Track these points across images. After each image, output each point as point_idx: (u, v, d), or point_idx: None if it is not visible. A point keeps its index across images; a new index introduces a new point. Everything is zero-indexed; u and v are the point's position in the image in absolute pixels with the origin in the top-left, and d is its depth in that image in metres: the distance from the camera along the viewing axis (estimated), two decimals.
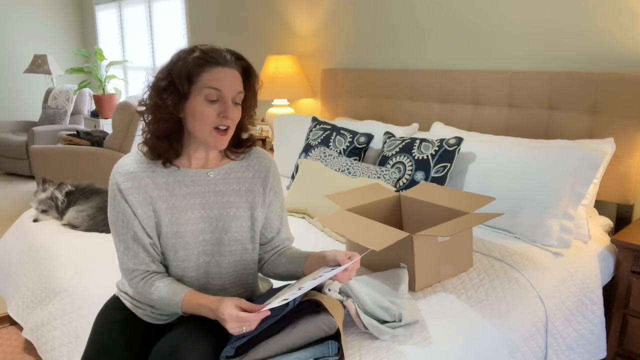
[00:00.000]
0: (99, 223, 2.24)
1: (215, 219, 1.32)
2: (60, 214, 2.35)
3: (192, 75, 1.21)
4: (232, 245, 1.35)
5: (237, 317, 1.12)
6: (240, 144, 1.39)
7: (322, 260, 1.30)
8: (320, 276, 1.20)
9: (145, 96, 1.27)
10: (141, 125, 1.31)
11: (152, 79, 1.26)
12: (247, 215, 1.36)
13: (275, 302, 1.15)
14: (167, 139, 1.27)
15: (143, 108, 1.27)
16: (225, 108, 1.23)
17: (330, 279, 1.29)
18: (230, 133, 1.28)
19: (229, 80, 1.23)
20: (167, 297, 1.24)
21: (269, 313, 1.14)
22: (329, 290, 1.37)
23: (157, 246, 1.29)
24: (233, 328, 1.12)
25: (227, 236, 1.34)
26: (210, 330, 1.23)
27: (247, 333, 1.18)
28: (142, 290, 1.27)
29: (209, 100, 1.22)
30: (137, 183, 1.26)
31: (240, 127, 1.35)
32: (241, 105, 1.30)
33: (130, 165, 1.28)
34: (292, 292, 1.16)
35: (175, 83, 1.21)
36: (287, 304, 1.21)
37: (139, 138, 1.32)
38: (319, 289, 1.39)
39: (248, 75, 1.29)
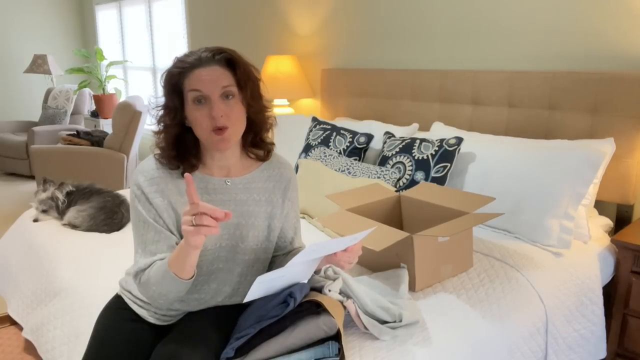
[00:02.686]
0: (99, 223, 2.24)
1: (233, 227, 1.32)
2: (61, 214, 2.35)
3: (176, 87, 1.23)
4: (247, 255, 1.35)
5: (193, 229, 1.05)
6: (259, 144, 1.36)
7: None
8: (320, 248, 1.18)
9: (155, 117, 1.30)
10: (144, 128, 1.32)
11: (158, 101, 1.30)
12: (265, 226, 1.36)
13: (268, 274, 1.16)
14: (180, 152, 1.27)
15: (156, 129, 1.29)
16: (211, 106, 1.20)
17: (335, 262, 1.27)
18: (232, 132, 1.23)
19: (207, 79, 1.20)
20: (157, 270, 1.19)
21: (222, 214, 1.06)
22: (329, 290, 1.37)
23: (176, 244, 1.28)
24: (190, 232, 1.05)
25: (243, 245, 1.33)
26: (211, 333, 1.23)
27: (244, 333, 1.18)
28: (142, 280, 1.23)
29: (196, 104, 1.21)
30: (161, 187, 1.26)
31: (255, 121, 1.30)
32: (241, 96, 1.24)
33: (154, 170, 1.27)
34: (289, 265, 1.16)
35: (167, 100, 1.25)
36: (288, 304, 1.21)
37: (139, 139, 1.33)
38: (319, 289, 1.39)
39: (234, 64, 1.24)
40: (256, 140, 1.35)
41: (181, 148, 1.27)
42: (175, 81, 1.23)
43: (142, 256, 1.25)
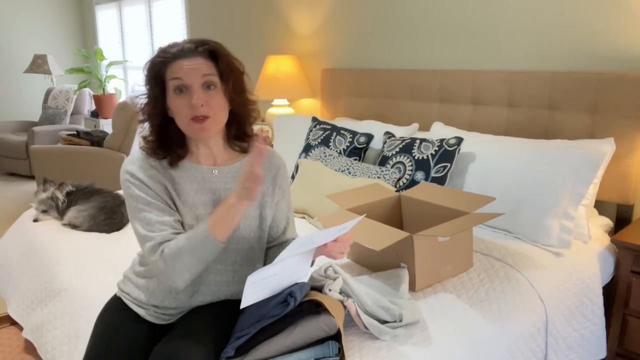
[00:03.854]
0: (99, 223, 2.24)
1: None
2: (61, 214, 2.35)
3: (158, 77, 1.25)
4: (239, 244, 1.35)
5: (243, 191, 1.14)
6: (241, 137, 1.37)
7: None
8: (308, 240, 1.17)
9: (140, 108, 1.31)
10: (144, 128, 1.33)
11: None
12: (256, 214, 1.37)
13: (262, 270, 1.15)
14: (166, 142, 1.28)
15: (141, 118, 1.31)
16: (191, 95, 1.22)
17: (326, 254, 1.26)
18: (213, 122, 1.24)
19: (188, 68, 1.22)
20: (190, 235, 1.19)
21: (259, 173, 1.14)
22: (330, 290, 1.37)
23: (180, 222, 1.28)
24: (247, 193, 1.14)
25: (235, 234, 1.34)
26: (211, 331, 1.23)
27: (245, 332, 1.19)
28: (168, 253, 1.19)
29: (177, 93, 1.23)
30: (152, 173, 1.27)
31: (238, 114, 1.32)
32: (223, 88, 1.25)
33: (141, 160, 1.29)
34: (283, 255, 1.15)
35: (148, 90, 1.26)
36: (288, 304, 1.21)
37: (139, 139, 1.34)
38: (319, 289, 1.39)
39: (216, 56, 1.26)
40: (239, 133, 1.36)
41: (165, 138, 1.29)
42: (157, 70, 1.25)
43: (149, 231, 1.23)
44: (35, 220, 2.37)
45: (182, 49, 1.24)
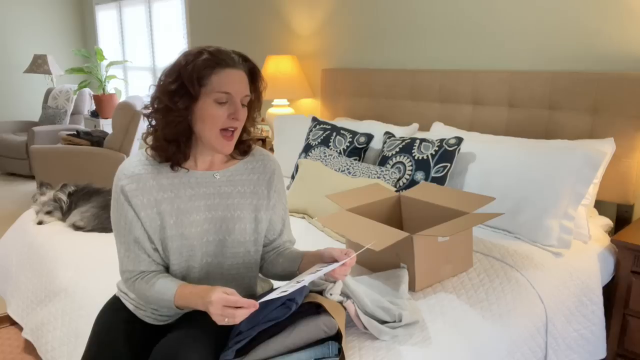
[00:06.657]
0: (104, 221, 2.25)
1: (219, 221, 1.32)
2: (64, 215, 2.35)
3: (202, 78, 1.22)
4: (235, 248, 1.35)
5: (223, 307, 1.08)
6: (240, 143, 1.38)
7: (317, 258, 1.31)
8: (317, 271, 1.20)
9: (151, 100, 1.26)
10: (144, 127, 1.30)
11: (158, 82, 1.25)
12: (251, 218, 1.36)
13: (269, 296, 1.14)
14: (177, 142, 1.26)
15: (149, 111, 1.27)
16: (235, 110, 1.24)
17: (329, 275, 1.28)
18: (237, 136, 1.29)
19: (237, 82, 1.24)
20: (160, 291, 1.23)
21: (256, 307, 1.10)
22: (331, 294, 1.37)
23: (159, 249, 1.29)
24: (216, 315, 1.09)
25: (231, 238, 1.33)
26: (210, 332, 1.23)
27: (244, 335, 1.18)
28: (139, 287, 1.27)
29: (217, 102, 1.23)
30: (142, 185, 1.26)
31: (243, 128, 1.35)
32: (250, 107, 1.32)
33: (135, 167, 1.27)
34: (289, 286, 1.16)
35: (186, 85, 1.21)
36: (289, 308, 1.21)
37: (138, 139, 1.32)
38: (320, 292, 1.39)
39: (254, 77, 1.30)
40: (241, 139, 1.38)
41: (177, 143, 1.27)
42: (205, 73, 1.22)
43: (125, 256, 1.28)
44: (39, 223, 2.36)
45: (232, 58, 1.25)
